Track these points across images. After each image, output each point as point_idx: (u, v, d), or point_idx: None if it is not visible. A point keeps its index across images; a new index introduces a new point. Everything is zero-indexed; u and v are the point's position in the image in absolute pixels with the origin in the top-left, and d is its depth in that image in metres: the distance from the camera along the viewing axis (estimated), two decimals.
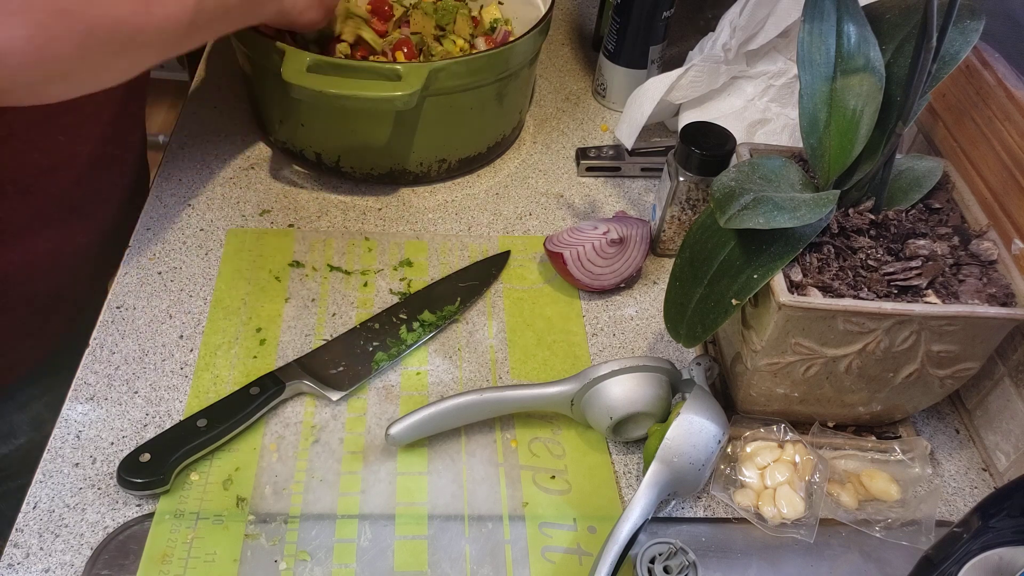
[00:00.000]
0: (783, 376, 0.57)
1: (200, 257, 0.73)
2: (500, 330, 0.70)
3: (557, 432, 0.63)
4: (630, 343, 0.70)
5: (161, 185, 0.79)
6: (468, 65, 0.74)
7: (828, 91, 0.56)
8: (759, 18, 0.79)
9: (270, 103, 0.82)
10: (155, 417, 0.61)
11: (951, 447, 0.65)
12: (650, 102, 0.81)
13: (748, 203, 0.51)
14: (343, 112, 0.76)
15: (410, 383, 0.65)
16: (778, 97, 0.82)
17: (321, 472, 0.59)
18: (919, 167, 0.60)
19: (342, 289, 0.71)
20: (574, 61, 1.02)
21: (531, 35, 0.78)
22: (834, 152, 0.56)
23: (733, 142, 0.70)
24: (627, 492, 0.60)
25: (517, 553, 0.56)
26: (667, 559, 0.54)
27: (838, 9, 0.56)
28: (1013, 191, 0.62)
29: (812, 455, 0.59)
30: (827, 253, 0.55)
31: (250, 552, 0.54)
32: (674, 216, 0.74)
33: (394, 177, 0.82)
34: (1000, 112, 0.65)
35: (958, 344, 0.54)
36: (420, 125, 0.78)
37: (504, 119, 0.85)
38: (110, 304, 0.68)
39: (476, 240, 0.77)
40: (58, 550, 0.53)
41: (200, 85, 0.92)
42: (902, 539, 0.57)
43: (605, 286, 0.72)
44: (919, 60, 0.51)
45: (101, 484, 0.57)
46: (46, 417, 0.80)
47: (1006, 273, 0.55)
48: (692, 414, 0.56)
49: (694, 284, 0.55)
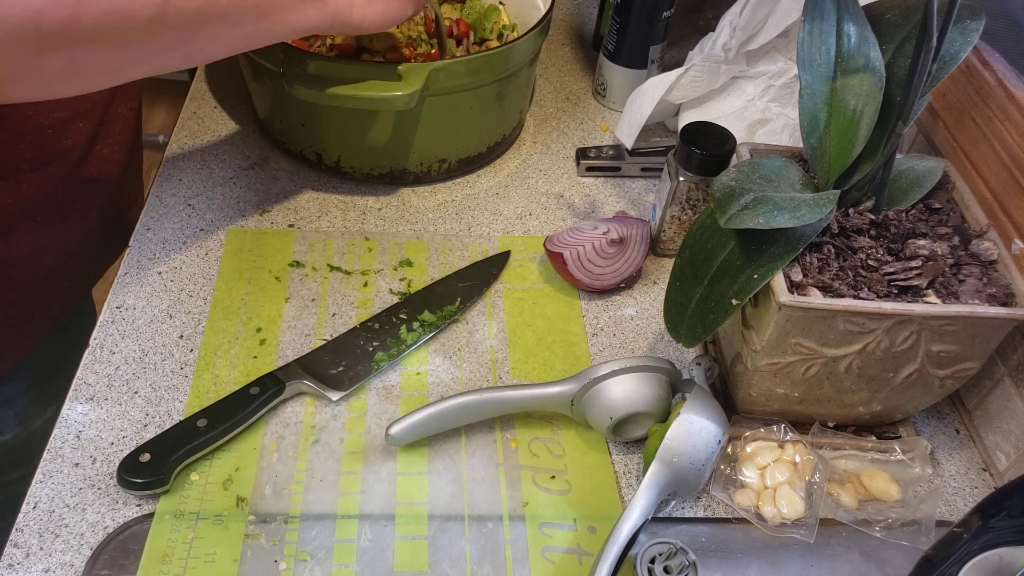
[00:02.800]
0: (783, 376, 0.57)
1: (200, 257, 0.73)
2: (500, 330, 0.70)
3: (557, 432, 0.63)
4: (630, 343, 0.70)
5: (161, 185, 0.79)
6: (468, 65, 0.74)
7: (828, 91, 0.56)
8: (759, 18, 0.79)
9: (270, 103, 0.82)
10: (155, 417, 0.61)
11: (951, 447, 0.65)
12: (650, 102, 0.81)
13: (748, 203, 0.51)
14: (343, 112, 0.76)
15: (410, 383, 0.65)
16: (778, 97, 0.82)
17: (321, 472, 0.59)
18: (919, 167, 0.60)
19: (342, 289, 0.71)
20: (574, 61, 1.02)
21: (531, 35, 0.78)
22: (834, 152, 0.56)
23: (733, 142, 0.70)
24: (627, 492, 0.60)
25: (517, 553, 0.56)
26: (667, 559, 0.54)
27: (838, 9, 0.56)
28: (1013, 191, 0.62)
29: (812, 455, 0.59)
30: (827, 253, 0.55)
31: (250, 552, 0.54)
32: (674, 216, 0.74)
33: (394, 177, 0.82)
34: (1000, 112, 0.65)
35: (958, 344, 0.54)
36: (420, 125, 0.78)
37: (504, 119, 0.85)
38: (110, 304, 0.68)
39: (476, 240, 0.77)
40: (58, 550, 0.53)
41: (200, 85, 0.92)
42: (902, 539, 0.57)
43: (605, 286, 0.72)
44: (919, 60, 0.51)
45: (101, 484, 0.57)
46: (32, 412, 0.80)
47: (1006, 273, 0.55)
48: (692, 414, 0.56)
49: (694, 284, 0.55)
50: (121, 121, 0.75)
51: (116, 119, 0.74)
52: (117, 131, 0.74)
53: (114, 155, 0.75)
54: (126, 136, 0.77)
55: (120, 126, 0.75)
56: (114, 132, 0.74)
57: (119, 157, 0.77)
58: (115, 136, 0.74)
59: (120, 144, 0.76)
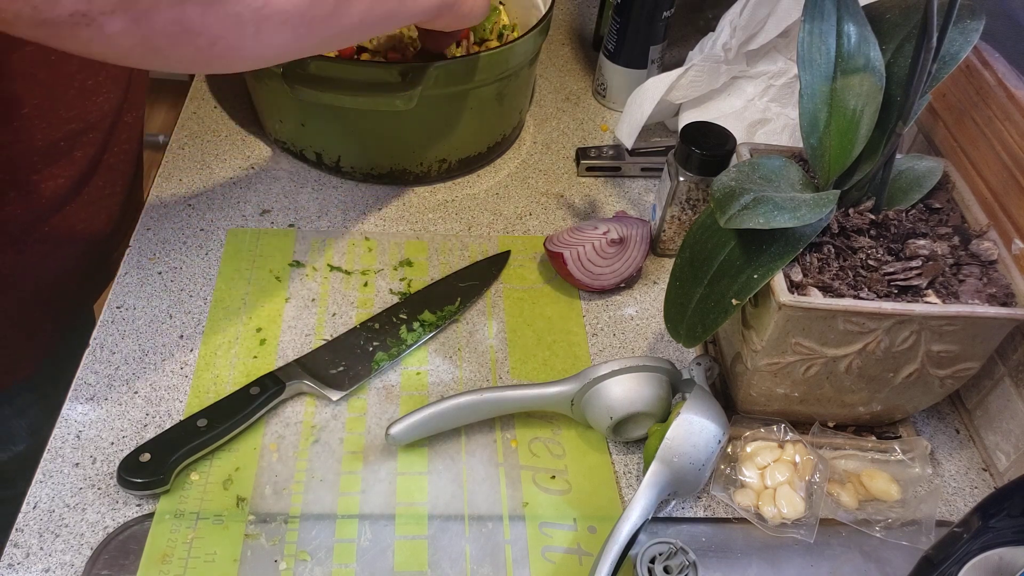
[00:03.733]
0: (783, 376, 0.57)
1: (200, 257, 0.73)
2: (500, 330, 0.70)
3: (557, 432, 0.63)
4: (630, 343, 0.70)
5: (161, 185, 0.79)
6: (468, 65, 0.74)
7: (828, 91, 0.56)
8: (759, 18, 0.79)
9: (270, 103, 0.82)
10: (155, 417, 0.61)
11: (951, 447, 0.65)
12: (650, 102, 0.81)
13: (748, 203, 0.51)
14: (343, 112, 0.76)
15: (410, 383, 0.65)
16: (778, 97, 0.82)
17: (321, 472, 0.59)
18: (919, 167, 0.60)
19: (342, 289, 0.71)
20: (574, 61, 1.02)
21: (531, 35, 0.78)
22: (834, 152, 0.56)
23: (733, 142, 0.70)
24: (627, 492, 0.60)
25: (517, 553, 0.56)
26: (667, 559, 0.54)
27: (838, 9, 0.56)
28: (1013, 191, 0.62)
29: (812, 455, 0.59)
30: (827, 253, 0.55)
31: (250, 552, 0.54)
32: (674, 216, 0.74)
33: (394, 177, 0.82)
34: (1000, 112, 0.65)
35: (958, 344, 0.54)
36: (420, 125, 0.78)
37: (504, 119, 0.85)
38: (110, 304, 0.68)
39: (476, 240, 0.77)
40: (58, 550, 0.53)
41: (200, 85, 0.92)
42: (902, 539, 0.57)
43: (605, 286, 0.72)
44: (919, 60, 0.51)
45: (101, 484, 0.57)
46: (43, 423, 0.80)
47: (1006, 273, 0.55)
48: (692, 414, 0.56)
49: (694, 284, 0.55)
50: (128, 131, 0.75)
51: (123, 129, 0.74)
52: (123, 140, 0.75)
53: (120, 164, 0.76)
54: (132, 145, 0.77)
55: (127, 135, 0.75)
56: (121, 142, 0.74)
57: (125, 167, 0.77)
58: (122, 146, 0.75)
59: (127, 153, 0.76)
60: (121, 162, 0.76)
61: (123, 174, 0.77)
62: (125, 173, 0.77)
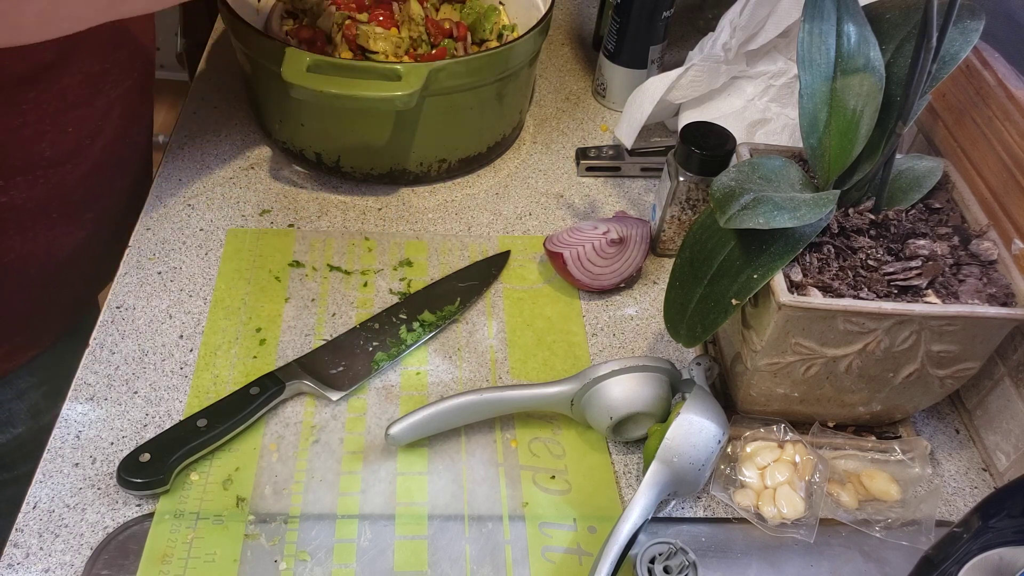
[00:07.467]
0: (783, 376, 0.57)
1: (200, 257, 0.73)
2: (500, 330, 0.70)
3: (557, 432, 0.63)
4: (630, 343, 0.70)
5: (161, 185, 0.79)
6: (468, 65, 0.74)
7: (828, 91, 0.56)
8: (759, 18, 0.79)
9: (270, 103, 0.82)
10: (155, 417, 0.61)
11: (951, 447, 0.65)
12: (650, 102, 0.81)
13: (748, 203, 0.51)
14: (343, 112, 0.76)
15: (410, 383, 0.65)
16: (778, 97, 0.82)
17: (321, 472, 0.59)
18: (919, 167, 0.60)
19: (342, 289, 0.71)
20: (574, 61, 1.02)
21: (531, 35, 0.78)
22: (834, 152, 0.56)
23: (733, 142, 0.70)
24: (627, 492, 0.60)
25: (517, 553, 0.56)
26: (667, 559, 0.54)
27: (838, 9, 0.56)
28: (1013, 191, 0.62)
29: (812, 455, 0.59)
30: (827, 253, 0.55)
31: (250, 552, 0.54)
32: (674, 216, 0.74)
33: (394, 177, 0.82)
34: (1000, 112, 0.65)
35: (958, 344, 0.54)
36: (420, 125, 0.78)
37: (504, 119, 0.85)
38: (110, 304, 0.68)
39: (476, 240, 0.77)
40: (58, 550, 0.53)
41: (200, 85, 0.92)
42: (902, 539, 0.57)
43: (605, 286, 0.72)
44: (919, 60, 0.51)
45: (101, 484, 0.57)
46: (44, 407, 0.80)
47: (1006, 273, 0.55)
48: (692, 414, 0.56)
49: (694, 284, 0.55)
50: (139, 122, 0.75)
51: (135, 120, 0.74)
52: (134, 133, 0.75)
53: (131, 155, 0.76)
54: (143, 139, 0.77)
55: (137, 127, 0.75)
56: (132, 134, 0.74)
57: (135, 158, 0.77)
58: (133, 138, 0.75)
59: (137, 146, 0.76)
60: (132, 154, 0.76)
61: (131, 163, 0.77)
62: (133, 162, 0.77)
